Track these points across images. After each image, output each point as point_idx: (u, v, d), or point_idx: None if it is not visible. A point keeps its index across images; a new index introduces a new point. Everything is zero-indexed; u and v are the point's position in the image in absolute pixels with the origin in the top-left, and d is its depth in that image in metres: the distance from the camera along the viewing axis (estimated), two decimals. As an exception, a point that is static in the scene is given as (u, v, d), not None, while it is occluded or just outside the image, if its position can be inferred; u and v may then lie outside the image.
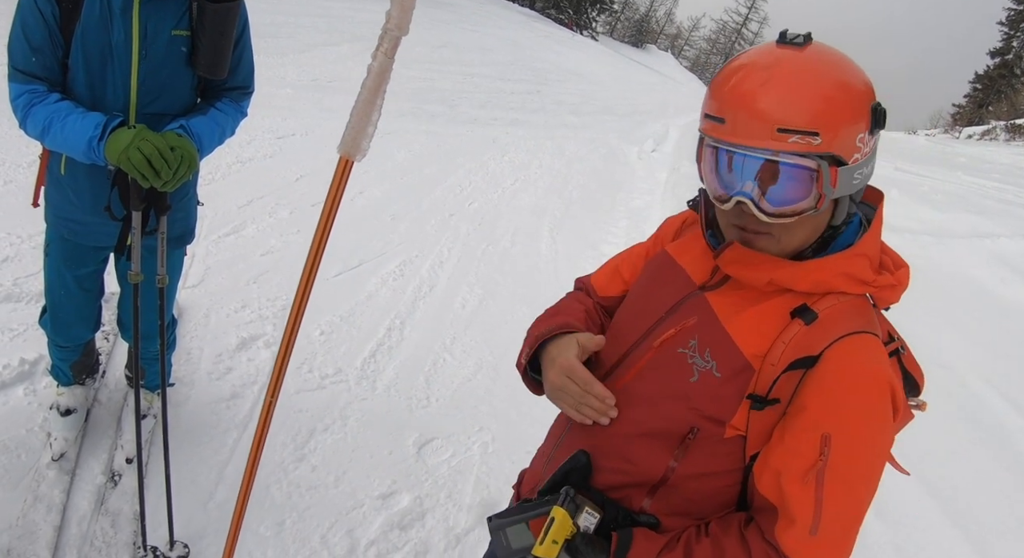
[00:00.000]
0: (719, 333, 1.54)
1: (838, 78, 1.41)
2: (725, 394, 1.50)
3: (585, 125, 15.75)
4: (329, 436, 3.98)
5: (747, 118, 1.40)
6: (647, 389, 1.62)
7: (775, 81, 1.39)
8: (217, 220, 6.01)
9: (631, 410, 1.62)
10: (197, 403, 3.96)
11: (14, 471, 3.25)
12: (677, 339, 1.60)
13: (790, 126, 1.37)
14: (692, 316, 1.61)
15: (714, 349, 1.53)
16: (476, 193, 8.78)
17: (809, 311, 1.49)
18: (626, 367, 1.67)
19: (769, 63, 1.42)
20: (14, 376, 3.71)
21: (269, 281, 5.33)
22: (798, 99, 1.38)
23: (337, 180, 1.65)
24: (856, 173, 1.45)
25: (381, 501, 3.62)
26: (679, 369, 1.56)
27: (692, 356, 1.55)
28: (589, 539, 1.56)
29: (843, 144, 1.40)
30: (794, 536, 1.42)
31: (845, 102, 1.40)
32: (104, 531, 3.12)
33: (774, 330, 1.50)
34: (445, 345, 5.17)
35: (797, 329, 1.47)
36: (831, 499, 1.40)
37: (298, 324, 1.76)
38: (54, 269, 3.02)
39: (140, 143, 2.37)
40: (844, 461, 1.41)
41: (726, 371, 1.51)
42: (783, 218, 1.45)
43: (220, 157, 7.12)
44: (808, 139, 1.37)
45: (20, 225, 4.87)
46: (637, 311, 1.75)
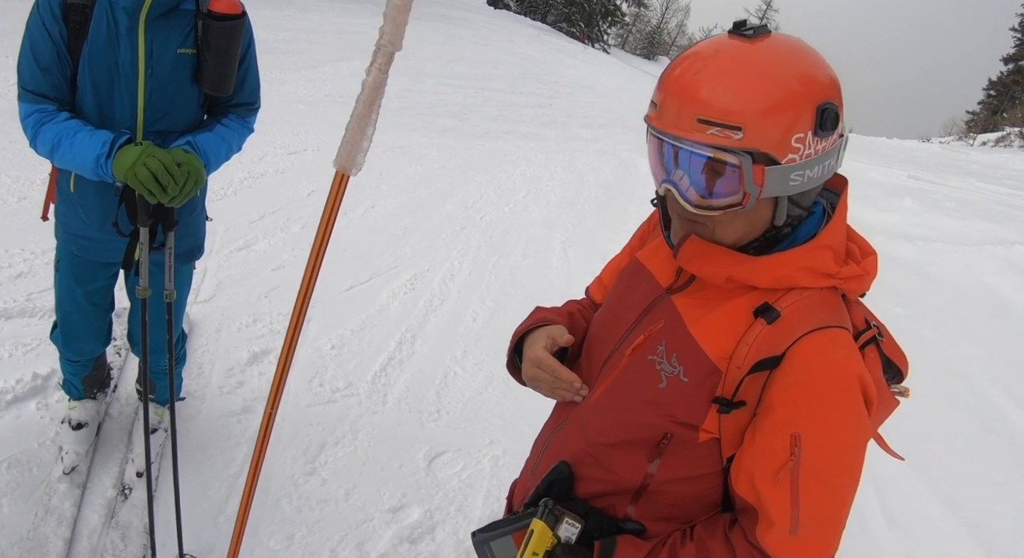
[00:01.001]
0: (684, 337, 1.53)
1: (777, 73, 1.36)
2: (694, 399, 1.49)
3: (596, 138, 15.75)
4: (340, 450, 3.99)
5: (674, 105, 1.39)
6: (620, 397, 1.62)
7: (707, 71, 1.37)
8: (229, 235, 6.05)
9: (606, 419, 1.64)
10: (208, 417, 3.98)
11: (25, 484, 3.27)
12: (646, 346, 1.59)
13: (709, 117, 1.34)
14: (659, 320, 1.60)
15: (680, 354, 1.53)
16: (487, 206, 8.79)
17: (771, 310, 1.46)
18: (604, 376, 1.67)
19: (709, 54, 1.40)
20: (27, 390, 3.74)
21: (280, 296, 5.35)
22: (723, 90, 1.34)
23: (333, 195, 1.69)
24: (794, 174, 1.39)
25: (391, 514, 3.62)
26: (649, 376, 1.56)
27: (660, 362, 1.55)
28: (570, 549, 1.56)
29: (772, 142, 1.35)
30: (775, 537, 1.42)
31: (780, 98, 1.34)
32: (114, 544, 3.13)
33: (738, 331, 1.48)
34: (456, 358, 5.18)
35: (760, 329, 1.45)
36: (807, 497, 1.40)
37: (296, 336, 1.78)
38: (64, 285, 3.05)
39: (147, 159, 2.40)
40: (817, 459, 1.39)
41: (693, 376, 1.50)
42: (707, 210, 1.44)
43: (232, 172, 7.16)
44: (728, 133, 1.34)
45: (34, 241, 4.91)
46: (611, 319, 1.76)
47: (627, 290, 1.77)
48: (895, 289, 7.87)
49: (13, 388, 3.70)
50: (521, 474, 2.01)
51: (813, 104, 1.36)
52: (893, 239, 9.40)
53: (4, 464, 3.30)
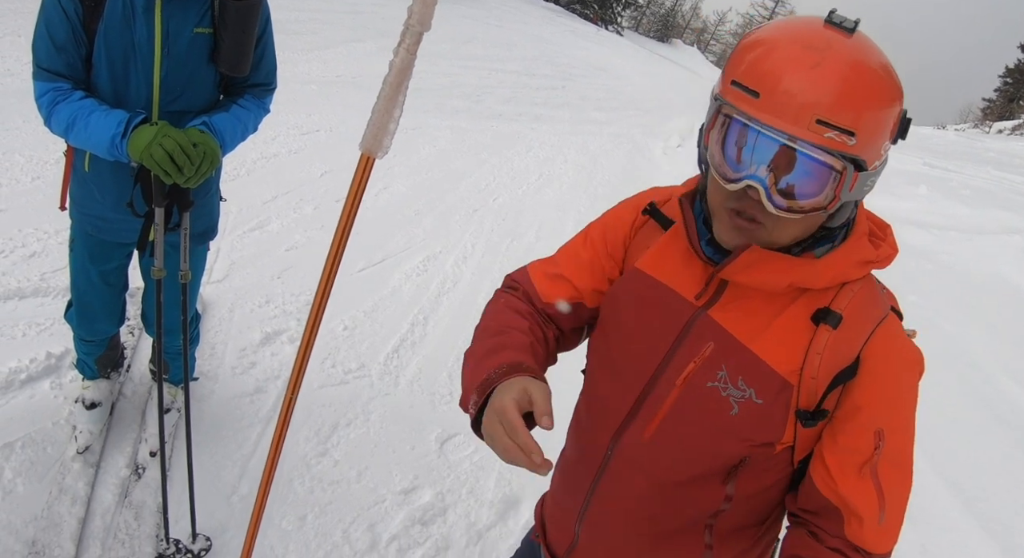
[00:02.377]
0: (747, 357, 1.45)
1: (884, 79, 1.28)
2: (771, 417, 1.44)
3: (610, 120, 15.68)
4: (352, 431, 3.99)
5: (787, 99, 1.26)
6: (684, 432, 1.51)
7: (826, 67, 1.25)
8: (242, 216, 6.04)
9: (671, 456, 1.54)
10: (221, 397, 3.98)
11: (40, 464, 3.28)
12: (702, 373, 1.48)
13: (832, 120, 1.24)
14: (706, 342, 1.48)
15: (747, 376, 1.44)
16: (500, 188, 8.77)
17: (832, 313, 1.41)
18: (648, 412, 1.54)
19: (820, 45, 1.27)
20: (40, 370, 3.75)
21: (293, 276, 5.35)
22: (847, 93, 1.25)
23: (359, 177, 1.63)
24: (870, 180, 1.33)
25: (403, 496, 3.63)
26: (715, 405, 1.46)
27: (725, 388, 1.45)
28: None
29: (872, 149, 1.29)
30: (867, 531, 1.44)
31: (886, 106, 1.28)
32: (128, 523, 3.14)
33: (802, 341, 1.43)
34: (468, 340, 5.15)
35: (827, 336, 1.40)
36: (889, 486, 1.43)
37: (319, 320, 1.75)
38: (79, 265, 3.04)
39: (162, 139, 2.38)
40: (894, 447, 1.43)
41: (767, 395, 1.43)
42: (790, 213, 1.32)
43: (245, 153, 7.15)
44: (844, 138, 1.25)
45: (47, 221, 4.92)
46: (637, 347, 1.58)
47: (643, 311, 1.59)
48: (909, 277, 7.82)
49: (27, 367, 3.71)
50: (553, 513, 1.89)
51: (900, 111, 1.32)
52: (907, 227, 9.29)
53: (18, 443, 3.32)
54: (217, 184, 3.08)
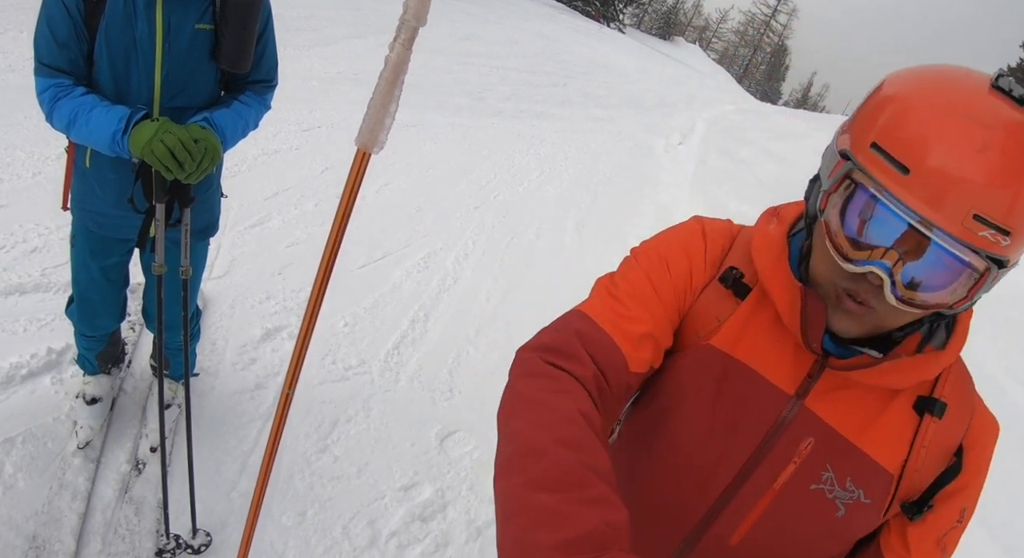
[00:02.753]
0: (855, 456, 1.31)
1: None
2: (877, 513, 1.35)
3: (611, 118, 15.68)
4: (352, 427, 4.00)
5: (943, 184, 1.06)
6: (782, 537, 1.37)
7: (995, 151, 1.05)
8: (243, 212, 6.04)
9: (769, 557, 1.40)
10: (221, 393, 3.99)
11: (40, 459, 3.29)
12: (804, 474, 1.33)
13: (992, 218, 1.05)
14: (805, 438, 1.33)
15: (856, 476, 1.32)
16: (501, 186, 8.77)
17: (937, 403, 1.31)
18: (735, 515, 1.38)
19: (989, 120, 1.06)
20: (41, 365, 3.75)
21: (294, 272, 5.35)
22: (1010, 183, 1.05)
23: (354, 173, 1.64)
24: (1001, 279, 1.16)
25: (403, 493, 3.63)
26: (820, 508, 1.34)
27: (831, 491, 1.32)
28: None
29: (1020, 251, 1.12)
30: None
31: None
32: (128, 519, 3.14)
33: (907, 432, 1.31)
34: (469, 338, 5.18)
35: (932, 427, 1.30)
36: (951, 546, 1.40)
37: (316, 315, 1.75)
38: (80, 261, 3.04)
39: (163, 135, 2.38)
40: (971, 513, 1.39)
41: (875, 494, 1.32)
42: (910, 307, 1.15)
43: (246, 149, 7.15)
44: (999, 238, 1.07)
45: (48, 217, 4.91)
46: (715, 441, 1.38)
47: (720, 398, 1.37)
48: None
49: (28, 363, 3.72)
50: None
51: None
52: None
53: (19, 438, 3.32)
54: (218, 180, 3.09)
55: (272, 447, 1.97)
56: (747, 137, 15.68)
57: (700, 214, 1.55)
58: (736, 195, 10.27)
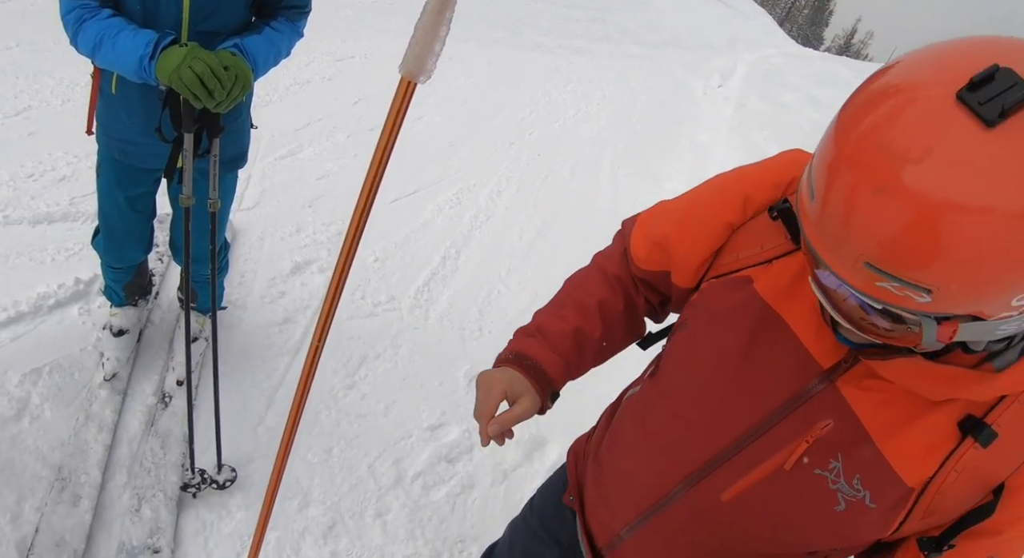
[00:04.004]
0: (872, 457, 1.19)
1: (1015, 225, 0.83)
2: (882, 523, 1.22)
3: (650, 56, 15.31)
4: (380, 364, 3.95)
5: (831, 223, 0.95)
6: (773, 512, 1.31)
7: (895, 194, 0.87)
8: (274, 142, 5.96)
9: (749, 528, 1.36)
10: (249, 327, 3.95)
11: (68, 389, 3.27)
12: (812, 458, 1.24)
13: (884, 268, 0.91)
14: (823, 418, 1.23)
15: (866, 477, 1.20)
16: (537, 122, 8.59)
17: (985, 428, 1.13)
18: (733, 471, 1.34)
19: (916, 154, 0.86)
20: (69, 295, 3.72)
21: (325, 205, 5.27)
22: (920, 233, 0.86)
23: (398, 103, 1.45)
24: (1002, 327, 0.97)
25: (430, 432, 3.59)
26: (818, 495, 1.24)
27: (835, 481, 1.23)
28: None
29: (975, 307, 0.92)
30: None
31: (1015, 257, 0.86)
32: (154, 452, 3.13)
33: (942, 448, 1.16)
34: (500, 276, 5.09)
35: (971, 452, 1.14)
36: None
37: (353, 251, 1.64)
38: (106, 190, 2.97)
39: (192, 62, 2.27)
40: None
41: (883, 502, 1.20)
42: (871, 336, 1.08)
43: (278, 78, 7.04)
44: (909, 293, 0.91)
45: (77, 144, 4.85)
46: (737, 390, 1.33)
47: (753, 343, 1.31)
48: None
49: (55, 293, 3.69)
50: (598, 492, 1.70)
51: None
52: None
53: (46, 369, 3.30)
54: (248, 110, 2.98)
55: (304, 384, 1.90)
56: (789, 82, 15.24)
57: (738, 158, 1.46)
58: (776, 140, 9.99)
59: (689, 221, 1.47)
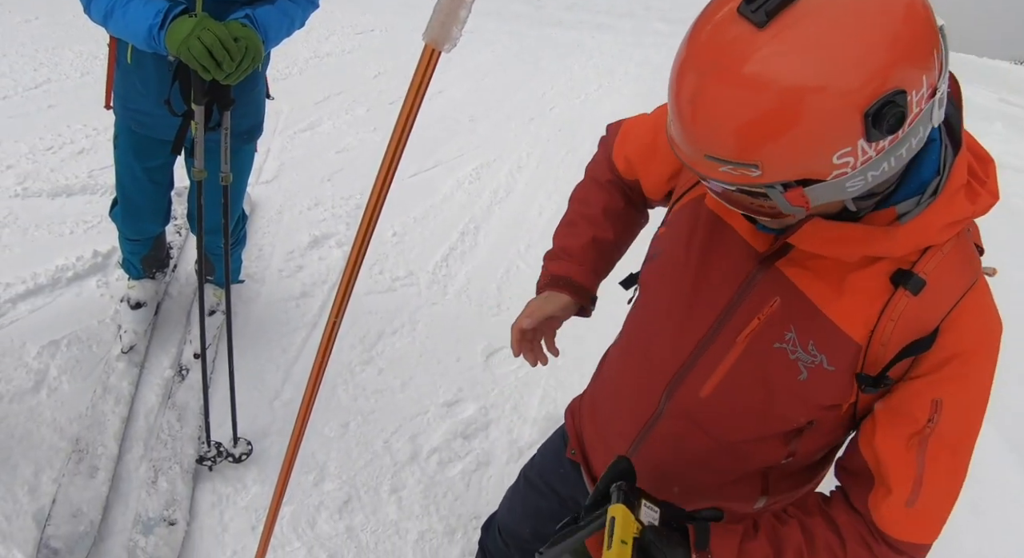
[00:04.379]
0: (820, 321, 1.31)
1: (794, 85, 1.01)
2: (842, 383, 1.33)
3: (674, 33, 15.10)
4: (397, 340, 3.94)
5: (678, 134, 1.15)
6: (747, 393, 1.42)
7: (707, 93, 1.07)
8: (293, 116, 5.94)
9: (734, 416, 1.46)
10: (267, 300, 3.95)
11: (85, 362, 3.28)
12: (767, 332, 1.37)
13: (717, 155, 1.09)
14: (770, 297, 1.36)
15: (819, 341, 1.32)
16: (558, 98, 8.53)
17: (913, 277, 1.24)
18: (706, 367, 1.45)
19: (708, 61, 1.07)
20: (87, 268, 3.73)
21: (343, 179, 5.26)
22: (726, 121, 1.06)
23: (421, 72, 1.38)
24: (849, 183, 1.09)
25: (446, 409, 3.58)
26: (782, 367, 1.35)
27: (794, 351, 1.34)
28: (660, 532, 1.36)
29: (802, 171, 1.07)
30: (889, 506, 1.31)
31: (802, 124, 1.02)
32: (170, 424, 3.13)
33: (877, 302, 1.27)
34: (519, 252, 5.05)
35: (904, 302, 1.25)
36: (933, 468, 1.29)
37: (373, 226, 1.60)
38: (124, 161, 2.96)
39: (201, 33, 2.23)
40: (952, 426, 1.28)
41: (839, 362, 1.31)
42: (761, 217, 1.26)
43: (297, 51, 7.01)
44: (743, 170, 1.08)
45: (96, 117, 4.86)
46: (697, 292, 1.46)
47: (706, 251, 1.46)
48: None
49: (74, 265, 3.70)
50: (596, 431, 1.83)
51: (857, 113, 1.01)
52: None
53: (64, 341, 3.31)
54: (263, 80, 2.95)
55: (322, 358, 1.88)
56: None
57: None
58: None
59: (653, 147, 1.70)
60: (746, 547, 1.38)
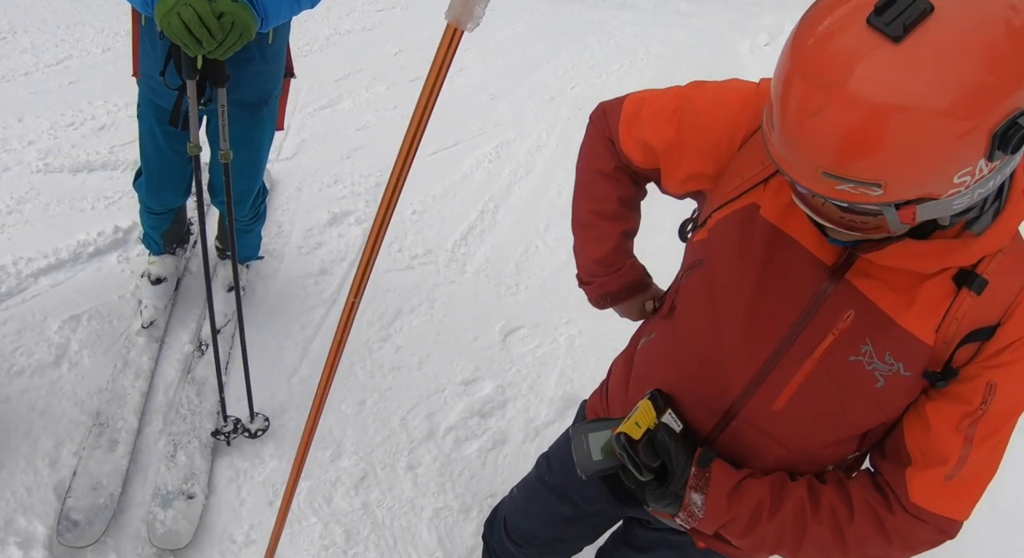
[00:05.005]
0: (896, 332, 1.32)
1: (936, 105, 0.97)
2: (916, 385, 1.36)
3: (697, 12, 14.97)
4: (415, 317, 3.95)
5: (789, 145, 1.10)
6: (823, 405, 1.43)
7: (831, 113, 1.02)
8: (313, 93, 5.93)
9: (807, 426, 1.47)
10: (286, 277, 3.96)
11: (106, 336, 3.31)
12: (842, 347, 1.36)
13: (838, 174, 1.05)
14: (844, 312, 1.35)
15: (896, 351, 1.33)
16: (579, 77, 8.46)
17: (976, 277, 1.27)
18: (778, 382, 1.44)
19: (833, 77, 1.01)
20: (108, 243, 3.75)
21: (363, 157, 5.24)
22: (855, 142, 1.02)
23: (443, 51, 1.37)
24: (957, 201, 1.09)
25: (463, 387, 3.58)
26: (859, 379, 1.36)
27: (870, 363, 1.35)
28: (672, 434, 1.50)
29: (924, 189, 1.06)
30: (927, 479, 1.36)
31: (938, 145, 1.00)
32: (189, 399, 3.15)
33: (943, 304, 1.30)
34: (538, 232, 5.03)
35: (968, 301, 1.28)
36: (979, 447, 1.33)
37: (394, 203, 1.60)
38: (146, 126, 2.93)
39: (181, 8, 2.15)
40: (1001, 408, 1.32)
41: (915, 367, 1.33)
42: (851, 233, 1.23)
43: (317, 29, 6.99)
44: (863, 190, 1.05)
45: (117, 93, 4.87)
46: (760, 309, 1.44)
47: (767, 267, 1.43)
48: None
49: (95, 240, 3.72)
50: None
51: (986, 134, 0.99)
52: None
53: (85, 316, 3.34)
54: (270, 53, 2.82)
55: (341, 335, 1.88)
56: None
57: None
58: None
59: (681, 139, 1.60)
60: (746, 485, 1.47)
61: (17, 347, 3.15)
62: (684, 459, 1.48)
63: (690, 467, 1.48)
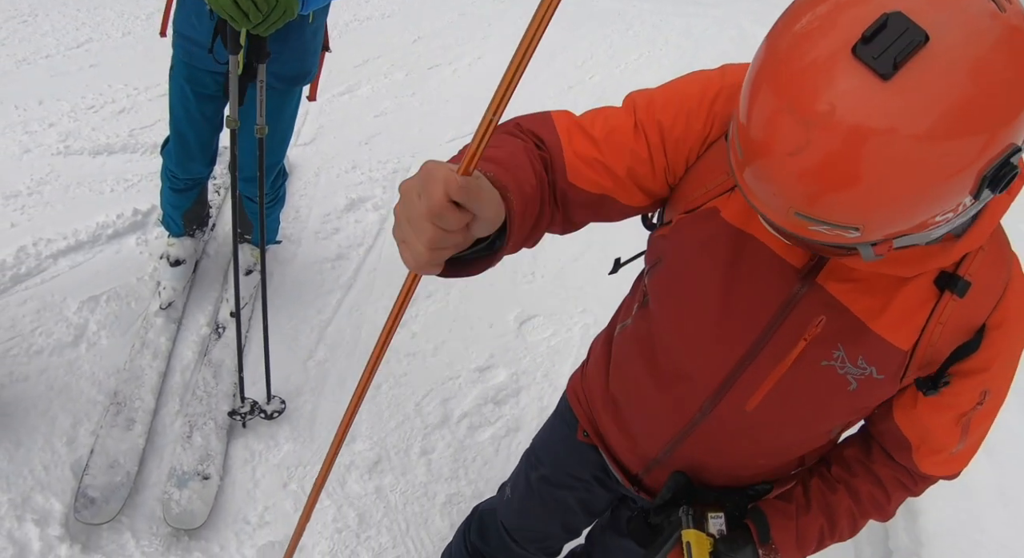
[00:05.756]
0: (868, 338, 1.29)
1: (923, 151, 0.90)
2: (890, 386, 1.37)
3: (717, 3, 14.87)
4: (431, 304, 3.96)
5: (761, 181, 1.03)
6: (795, 407, 1.44)
7: (810, 155, 0.93)
8: (331, 79, 5.91)
9: (778, 426, 1.51)
10: (303, 262, 3.97)
11: (124, 317, 3.33)
12: (814, 352, 1.34)
13: (813, 215, 0.99)
14: (815, 316, 1.31)
15: (868, 355, 1.31)
16: (597, 66, 8.44)
17: (960, 281, 1.25)
18: (749, 384, 1.42)
19: (816, 115, 0.92)
20: (127, 226, 3.77)
21: (381, 143, 5.25)
22: (837, 186, 0.95)
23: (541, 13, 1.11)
24: (937, 231, 1.06)
25: (478, 374, 3.59)
26: (831, 382, 1.35)
27: (842, 367, 1.33)
28: (729, 540, 1.56)
29: (903, 228, 1.01)
30: (933, 461, 1.48)
31: (924, 193, 0.95)
32: (206, 381, 3.18)
33: (924, 309, 1.28)
34: (555, 221, 5.03)
35: (951, 305, 1.27)
36: (976, 428, 1.44)
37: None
38: (177, 88, 2.92)
39: None
40: (995, 401, 1.41)
41: (888, 370, 1.33)
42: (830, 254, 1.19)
43: (337, 15, 6.96)
44: (839, 232, 1.00)
45: (137, 77, 4.89)
46: (730, 314, 1.39)
47: (733, 271, 1.36)
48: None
49: (114, 223, 3.74)
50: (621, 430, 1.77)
51: (975, 176, 0.94)
52: None
53: (103, 297, 3.36)
54: (310, 30, 2.85)
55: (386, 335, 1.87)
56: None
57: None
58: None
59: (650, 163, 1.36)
60: (802, 524, 1.54)
61: (36, 327, 3.18)
62: (750, 550, 1.55)
63: (758, 553, 1.55)
